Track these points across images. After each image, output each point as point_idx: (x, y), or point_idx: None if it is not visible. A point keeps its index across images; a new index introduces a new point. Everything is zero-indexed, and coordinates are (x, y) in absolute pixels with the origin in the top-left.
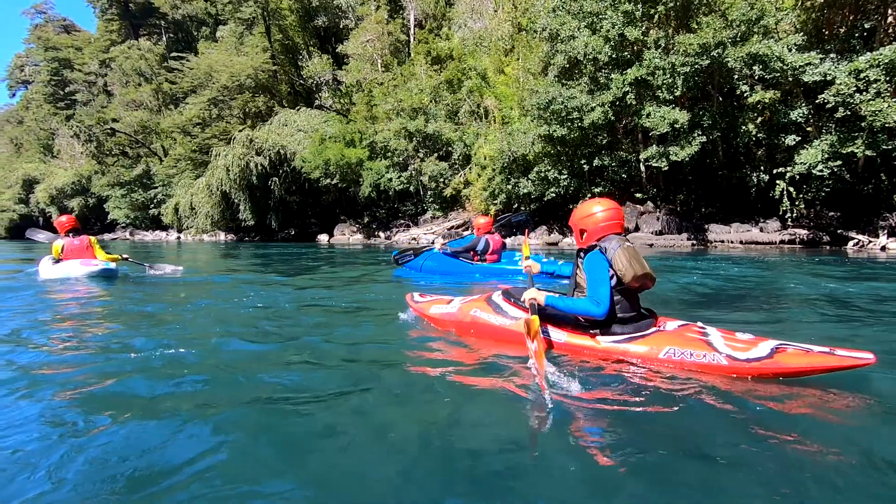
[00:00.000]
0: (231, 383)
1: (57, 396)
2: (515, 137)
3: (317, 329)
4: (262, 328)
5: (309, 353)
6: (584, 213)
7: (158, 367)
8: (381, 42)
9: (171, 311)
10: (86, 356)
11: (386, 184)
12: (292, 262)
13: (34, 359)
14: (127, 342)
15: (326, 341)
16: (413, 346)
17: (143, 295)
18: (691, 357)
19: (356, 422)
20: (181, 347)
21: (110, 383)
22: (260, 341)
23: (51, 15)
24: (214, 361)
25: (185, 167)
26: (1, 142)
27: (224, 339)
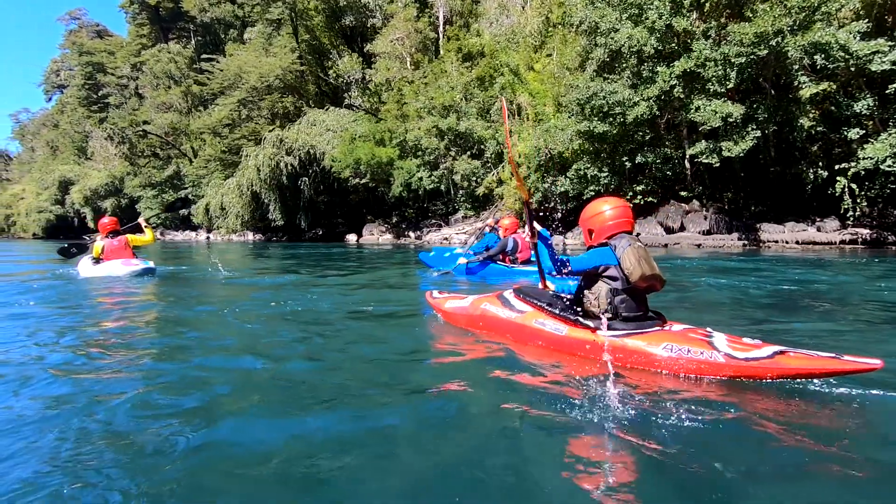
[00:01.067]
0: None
1: (120, 399)
2: (552, 134)
3: (358, 333)
4: (296, 329)
5: (348, 358)
6: (592, 213)
7: (184, 373)
8: (410, 40)
9: (211, 314)
10: (132, 357)
11: (416, 183)
12: (326, 263)
13: (79, 359)
14: (169, 345)
15: (368, 344)
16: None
17: (185, 296)
18: (688, 353)
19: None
20: (213, 353)
21: (151, 389)
22: (291, 341)
23: (84, 21)
24: (270, 369)
25: (215, 168)
26: (38, 145)
27: (269, 345)
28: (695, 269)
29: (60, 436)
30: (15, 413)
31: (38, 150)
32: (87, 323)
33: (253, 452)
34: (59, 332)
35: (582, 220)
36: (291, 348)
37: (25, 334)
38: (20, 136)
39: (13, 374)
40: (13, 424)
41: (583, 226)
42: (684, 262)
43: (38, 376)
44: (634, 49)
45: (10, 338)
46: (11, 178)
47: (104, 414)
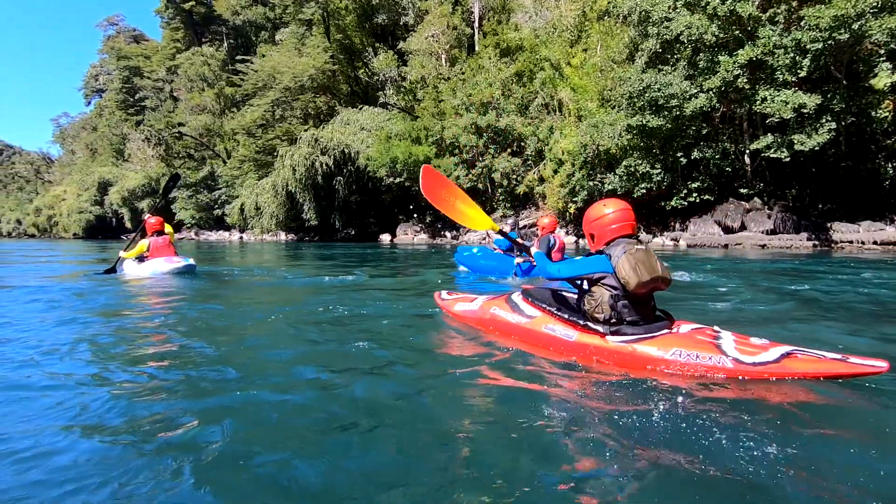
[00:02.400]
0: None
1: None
2: (601, 130)
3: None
4: (326, 329)
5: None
6: (593, 216)
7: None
8: (445, 36)
9: (268, 318)
10: (176, 361)
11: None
12: (369, 263)
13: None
14: (213, 350)
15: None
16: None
17: (239, 298)
18: (697, 359)
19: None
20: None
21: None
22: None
23: (122, 26)
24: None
25: (249, 168)
26: (78, 147)
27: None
28: (767, 273)
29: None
30: (51, 418)
31: (78, 153)
32: (143, 328)
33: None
34: (109, 333)
35: (584, 225)
36: (338, 357)
37: (64, 338)
38: (61, 139)
39: (50, 379)
40: (51, 432)
41: (585, 230)
42: (751, 264)
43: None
44: (693, 38)
45: (53, 339)
46: (53, 180)
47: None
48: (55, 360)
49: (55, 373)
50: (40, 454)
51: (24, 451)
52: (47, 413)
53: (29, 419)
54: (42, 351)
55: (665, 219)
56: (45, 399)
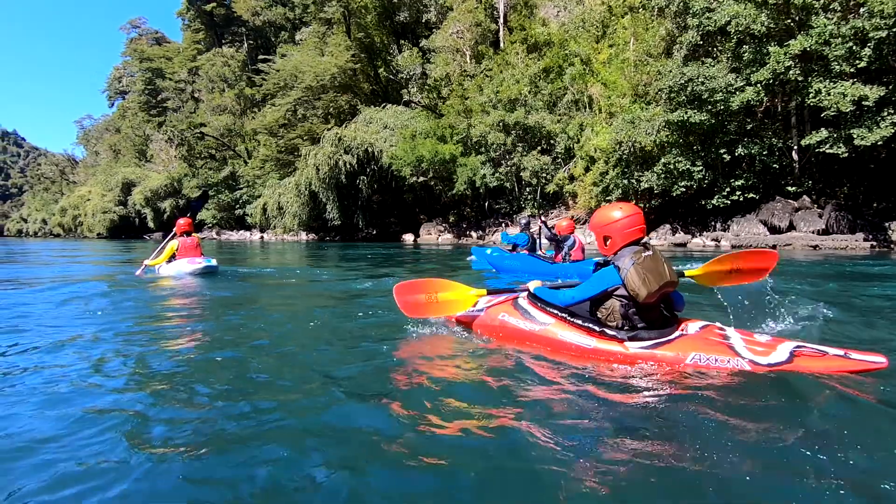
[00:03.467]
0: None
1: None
2: (637, 126)
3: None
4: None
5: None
6: (606, 220)
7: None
8: (470, 33)
9: (284, 323)
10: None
11: (480, 180)
12: (400, 263)
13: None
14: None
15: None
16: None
17: (258, 298)
18: (716, 363)
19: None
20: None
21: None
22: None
23: (144, 29)
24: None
25: (270, 168)
26: (101, 149)
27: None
28: (841, 277)
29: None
30: (77, 418)
31: (101, 154)
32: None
33: None
34: (133, 334)
35: (595, 228)
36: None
37: (84, 339)
38: (84, 141)
39: (77, 383)
40: (75, 429)
41: (597, 234)
42: (815, 267)
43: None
44: (740, 28)
45: (78, 341)
46: (78, 180)
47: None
48: (76, 354)
49: (73, 365)
50: (61, 450)
51: (41, 448)
52: (68, 408)
53: (43, 416)
54: (63, 346)
55: (705, 218)
56: (64, 395)
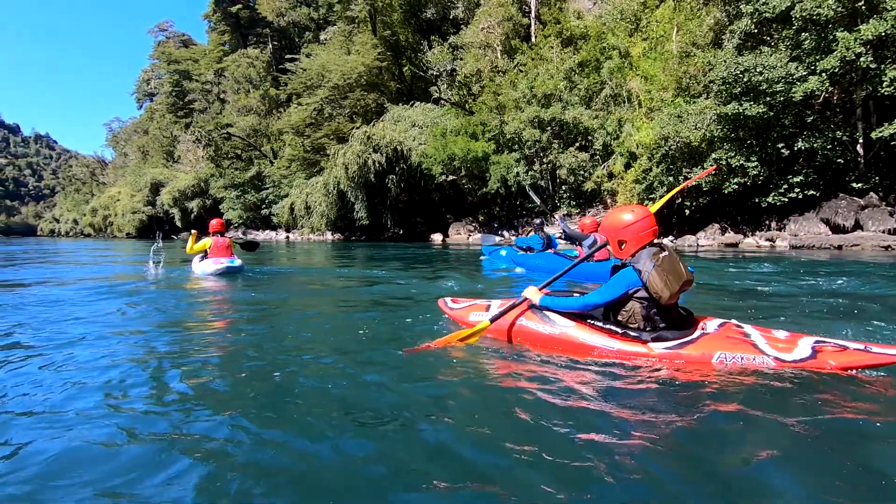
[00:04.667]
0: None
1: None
2: (685, 120)
3: None
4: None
5: None
6: (620, 224)
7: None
8: (501, 28)
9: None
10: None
11: (513, 179)
12: (446, 266)
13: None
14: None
15: None
16: None
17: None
18: (742, 361)
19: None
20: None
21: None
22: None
23: (171, 32)
24: None
25: (297, 168)
26: (130, 150)
27: None
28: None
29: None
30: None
31: (130, 155)
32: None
33: None
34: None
35: (609, 231)
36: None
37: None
38: (113, 143)
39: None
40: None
41: (612, 237)
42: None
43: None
44: (804, 14)
45: (102, 343)
46: (107, 181)
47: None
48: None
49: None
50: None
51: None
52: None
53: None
54: (99, 343)
55: (758, 217)
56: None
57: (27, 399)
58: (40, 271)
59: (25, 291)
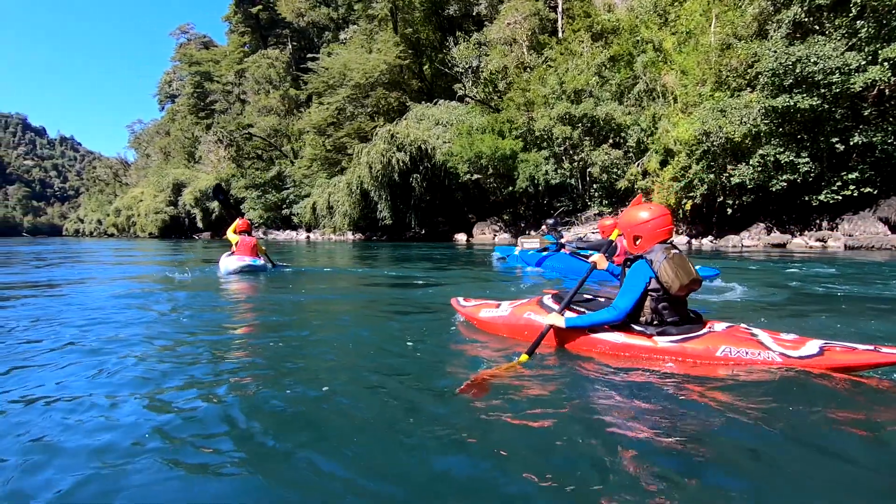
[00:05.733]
0: None
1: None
2: (729, 115)
3: None
4: None
5: None
6: (636, 220)
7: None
8: (528, 23)
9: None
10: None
11: (542, 177)
12: (484, 269)
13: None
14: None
15: None
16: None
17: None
18: (747, 355)
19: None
20: None
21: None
22: None
23: (193, 34)
24: None
25: (318, 168)
26: (152, 151)
27: None
28: None
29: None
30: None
31: (152, 156)
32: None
33: None
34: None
35: (625, 228)
36: None
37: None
38: (136, 144)
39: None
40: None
41: (627, 233)
42: None
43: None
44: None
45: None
46: (130, 182)
47: None
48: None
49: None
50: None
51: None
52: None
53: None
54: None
55: (806, 216)
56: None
57: (65, 399)
58: (70, 272)
59: (57, 291)
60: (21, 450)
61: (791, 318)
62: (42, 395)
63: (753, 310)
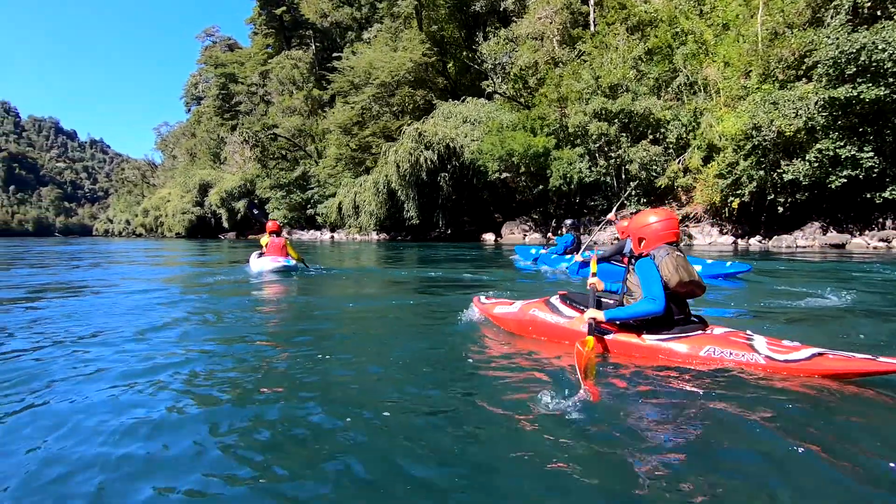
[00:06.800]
0: None
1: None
2: (782, 107)
3: None
4: None
5: None
6: (642, 224)
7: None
8: (559, 17)
9: None
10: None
11: (576, 175)
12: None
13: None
14: None
15: None
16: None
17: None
18: (730, 356)
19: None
20: None
21: None
22: None
23: (218, 36)
24: None
25: (343, 167)
26: (178, 152)
27: None
28: None
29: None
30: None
31: (178, 158)
32: None
33: None
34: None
35: (632, 231)
36: None
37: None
38: (162, 146)
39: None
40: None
41: (633, 235)
42: None
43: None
44: None
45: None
46: (157, 183)
47: None
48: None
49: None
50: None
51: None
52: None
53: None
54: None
55: (867, 214)
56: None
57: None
58: (106, 272)
59: (96, 294)
60: (66, 458)
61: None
62: (86, 403)
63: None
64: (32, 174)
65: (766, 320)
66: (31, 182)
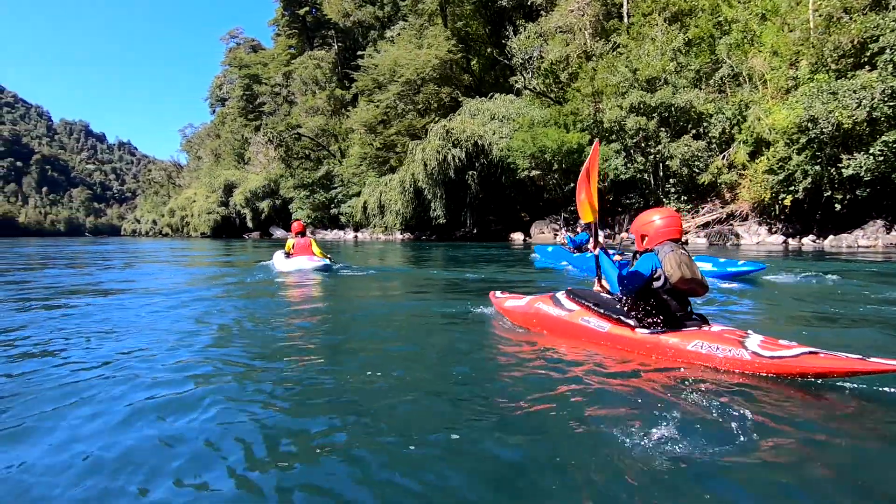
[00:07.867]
0: None
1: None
2: (841, 98)
3: None
4: None
5: None
6: (645, 222)
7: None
8: (591, 9)
9: None
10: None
11: (612, 172)
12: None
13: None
14: None
15: None
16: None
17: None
18: (716, 351)
19: None
20: None
21: None
22: None
23: (242, 38)
24: None
25: (367, 167)
26: (203, 153)
27: None
28: None
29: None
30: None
31: (203, 159)
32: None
33: None
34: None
35: (635, 228)
36: None
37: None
38: (187, 147)
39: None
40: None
41: (636, 233)
42: None
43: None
44: None
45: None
46: (183, 184)
47: None
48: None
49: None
50: None
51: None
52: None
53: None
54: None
55: None
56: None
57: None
58: (137, 273)
59: (129, 297)
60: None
61: None
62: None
63: None
64: (64, 176)
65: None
66: (63, 183)
